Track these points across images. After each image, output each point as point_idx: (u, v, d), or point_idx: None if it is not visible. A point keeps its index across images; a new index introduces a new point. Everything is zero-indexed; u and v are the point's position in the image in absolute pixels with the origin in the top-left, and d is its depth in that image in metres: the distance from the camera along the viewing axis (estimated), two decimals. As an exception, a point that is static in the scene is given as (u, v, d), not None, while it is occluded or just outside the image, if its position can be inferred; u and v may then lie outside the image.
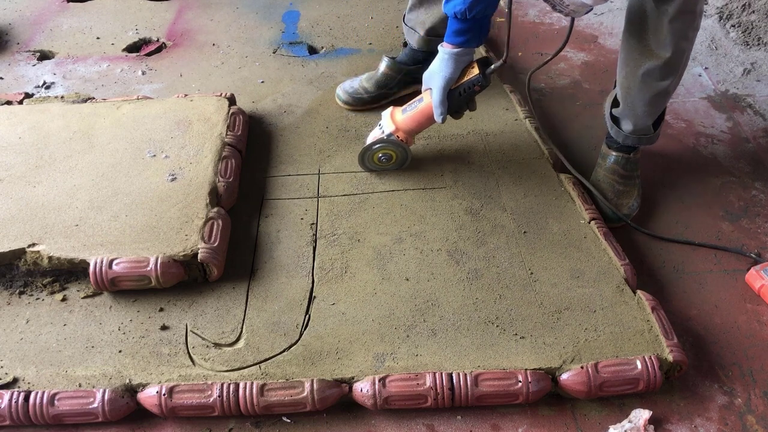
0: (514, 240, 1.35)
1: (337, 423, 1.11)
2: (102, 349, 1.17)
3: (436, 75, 1.39)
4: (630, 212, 1.48)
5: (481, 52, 1.92)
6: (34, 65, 1.98)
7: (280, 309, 1.24)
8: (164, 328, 1.21)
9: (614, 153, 1.52)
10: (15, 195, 1.38)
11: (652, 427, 1.08)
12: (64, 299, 1.26)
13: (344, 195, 1.46)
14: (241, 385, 1.09)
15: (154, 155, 1.48)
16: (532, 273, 1.29)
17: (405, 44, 1.74)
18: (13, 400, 1.08)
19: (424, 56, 1.66)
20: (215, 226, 1.31)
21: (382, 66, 1.71)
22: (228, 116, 1.58)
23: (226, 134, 1.53)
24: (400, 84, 1.72)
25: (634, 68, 1.38)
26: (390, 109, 1.50)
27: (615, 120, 1.52)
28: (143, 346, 1.18)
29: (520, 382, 1.09)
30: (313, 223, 1.40)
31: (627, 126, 1.49)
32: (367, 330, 1.20)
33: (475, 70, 1.38)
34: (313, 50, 2.01)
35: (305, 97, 1.78)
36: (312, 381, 1.09)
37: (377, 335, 1.19)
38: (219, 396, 1.08)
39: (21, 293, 1.27)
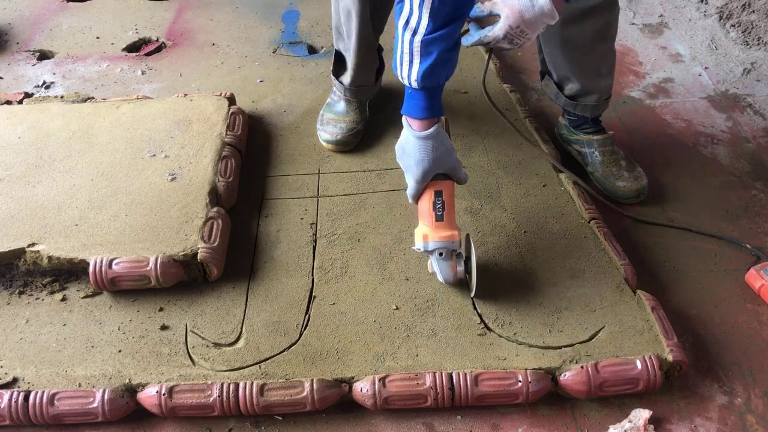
0: (514, 240, 1.35)
1: (337, 423, 1.11)
2: (102, 349, 1.17)
3: (411, 162, 1.19)
4: (646, 180, 1.52)
5: (482, 53, 1.91)
6: (33, 65, 1.98)
7: (280, 309, 1.24)
8: (164, 327, 1.20)
9: (597, 137, 1.54)
10: (15, 194, 1.38)
11: (652, 426, 1.08)
12: (63, 299, 1.26)
13: (344, 195, 1.46)
14: (241, 385, 1.09)
15: (154, 155, 1.48)
16: (532, 273, 1.29)
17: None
18: (13, 400, 1.07)
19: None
20: (215, 226, 1.31)
21: (343, 100, 1.62)
22: (228, 116, 1.58)
23: (226, 134, 1.53)
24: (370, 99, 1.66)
25: (579, 35, 1.39)
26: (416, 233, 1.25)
27: (574, 99, 1.53)
28: (143, 345, 1.17)
29: (520, 381, 1.09)
30: (313, 223, 1.40)
31: (592, 98, 1.50)
32: (367, 330, 1.20)
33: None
34: (312, 50, 2.01)
35: (305, 96, 1.78)
36: (312, 381, 1.09)
37: (377, 335, 1.19)
38: (219, 396, 1.08)
39: (21, 293, 1.27)
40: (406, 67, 1.12)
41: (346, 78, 1.57)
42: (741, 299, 1.30)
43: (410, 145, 1.17)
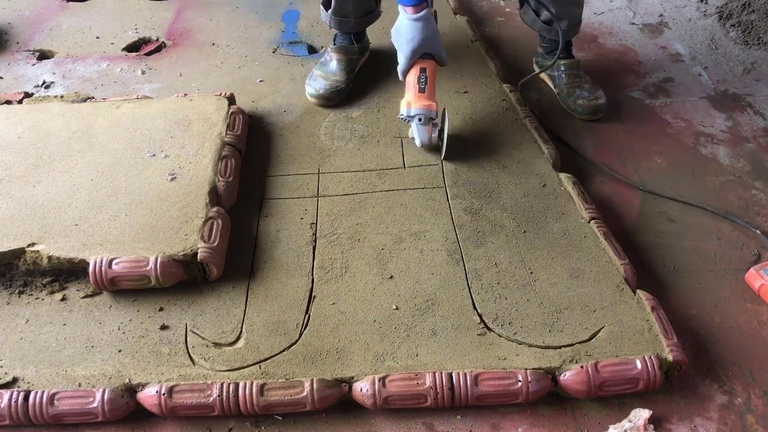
0: (514, 240, 1.35)
1: (337, 423, 1.11)
2: (102, 349, 1.17)
3: (403, 41, 1.46)
4: (604, 100, 1.72)
5: (482, 53, 1.91)
6: (33, 65, 1.98)
7: (280, 309, 1.24)
8: (164, 327, 1.21)
9: (564, 61, 1.75)
10: (15, 194, 1.38)
11: (652, 426, 1.08)
12: (63, 299, 1.26)
13: (344, 194, 1.46)
14: (241, 385, 1.09)
15: (154, 155, 1.48)
16: (532, 272, 1.29)
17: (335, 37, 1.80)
18: (13, 400, 1.08)
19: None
20: (215, 226, 1.31)
21: (335, 56, 1.74)
22: (228, 116, 1.58)
23: (226, 134, 1.53)
24: (360, 57, 1.80)
25: None
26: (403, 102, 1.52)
27: (549, 24, 1.72)
28: (143, 345, 1.17)
29: (520, 381, 1.09)
30: (312, 223, 1.40)
31: (563, 24, 1.68)
32: (367, 330, 1.20)
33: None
34: (312, 50, 2.01)
35: (305, 96, 1.77)
36: (312, 381, 1.09)
37: (377, 335, 1.19)
38: (219, 396, 1.08)
39: (20, 293, 1.27)
40: None
41: (332, 5, 1.68)
42: (741, 299, 1.30)
43: (404, 26, 1.45)
